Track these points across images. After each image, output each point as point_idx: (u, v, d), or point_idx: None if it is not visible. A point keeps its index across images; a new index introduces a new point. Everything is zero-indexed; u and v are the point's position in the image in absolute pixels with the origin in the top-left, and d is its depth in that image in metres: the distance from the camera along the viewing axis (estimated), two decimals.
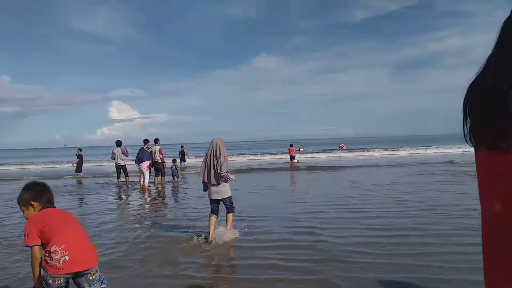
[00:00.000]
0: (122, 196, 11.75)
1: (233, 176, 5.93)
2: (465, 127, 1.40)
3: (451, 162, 19.24)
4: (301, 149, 40.58)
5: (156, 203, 10.15)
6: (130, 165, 14.22)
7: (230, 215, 5.94)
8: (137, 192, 12.43)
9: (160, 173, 13.99)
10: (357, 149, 42.15)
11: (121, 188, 13.64)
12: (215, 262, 4.78)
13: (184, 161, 25.95)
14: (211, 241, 5.55)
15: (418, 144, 51.41)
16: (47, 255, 2.40)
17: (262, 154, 39.07)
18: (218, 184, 5.74)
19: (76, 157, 20.70)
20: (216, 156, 5.72)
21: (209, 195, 5.88)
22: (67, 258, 2.38)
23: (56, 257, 2.38)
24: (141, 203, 10.28)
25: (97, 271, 2.56)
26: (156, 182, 13.97)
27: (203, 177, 5.86)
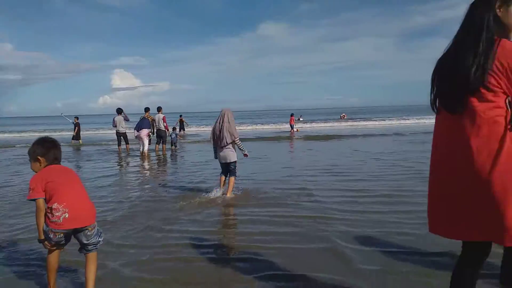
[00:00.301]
0: (123, 162, 12.00)
1: (246, 150, 6.57)
2: (431, 96, 1.98)
3: None
4: (301, 119, 40.72)
5: (157, 169, 10.50)
6: (130, 133, 14.44)
7: (232, 179, 6.37)
8: (138, 158, 12.68)
9: (161, 141, 14.28)
10: (359, 119, 42.19)
11: (121, 154, 13.92)
12: (211, 218, 5.06)
13: (183, 130, 26.41)
14: (223, 193, 6.21)
15: (422, 113, 51.44)
16: (49, 211, 2.59)
17: (262, 123, 38.76)
18: (225, 147, 6.23)
19: (73, 125, 20.69)
20: (225, 122, 6.19)
21: (219, 159, 6.42)
22: (67, 216, 2.56)
23: (57, 214, 2.56)
24: (141, 169, 10.54)
25: (94, 227, 2.75)
26: (157, 149, 14.22)
27: (213, 143, 6.39)
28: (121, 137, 14.50)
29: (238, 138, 6.34)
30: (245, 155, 6.64)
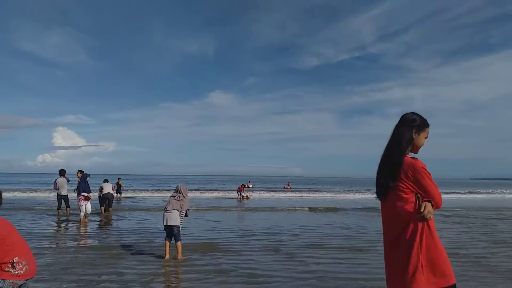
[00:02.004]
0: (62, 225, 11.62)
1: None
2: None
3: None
4: (250, 186, 41.43)
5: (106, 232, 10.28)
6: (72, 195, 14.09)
7: (179, 244, 7.01)
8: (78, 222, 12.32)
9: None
10: (303, 190, 43.12)
11: (61, 218, 13.44)
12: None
13: (120, 193, 26.78)
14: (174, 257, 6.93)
15: (362, 186, 54.24)
16: (9, 265, 2.78)
17: (211, 190, 38.65)
18: (172, 211, 7.03)
19: None
20: (185, 197, 7.28)
21: (164, 221, 7.04)
22: (27, 267, 2.88)
23: (19, 266, 2.82)
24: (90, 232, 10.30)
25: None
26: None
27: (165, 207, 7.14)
28: (63, 200, 14.03)
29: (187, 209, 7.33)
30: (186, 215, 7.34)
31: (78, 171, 14.30)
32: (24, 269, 2.87)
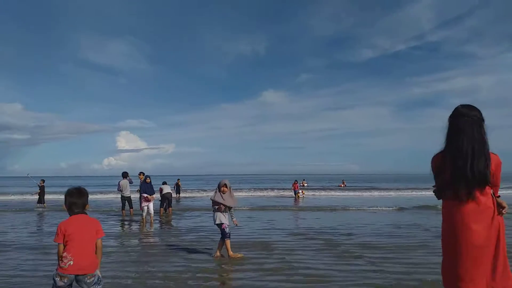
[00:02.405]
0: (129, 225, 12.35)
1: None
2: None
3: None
4: (305, 184, 41.14)
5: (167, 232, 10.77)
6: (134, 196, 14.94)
7: (227, 241, 7.09)
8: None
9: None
10: (360, 188, 41.57)
11: (125, 218, 14.29)
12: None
13: (179, 193, 27.55)
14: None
15: (421, 183, 51.36)
16: (60, 258, 3.26)
17: (266, 189, 38.84)
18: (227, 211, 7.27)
19: (38, 188, 20.32)
20: (232, 191, 7.38)
21: (217, 220, 7.17)
22: (71, 263, 3.21)
23: (65, 260, 3.21)
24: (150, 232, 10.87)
25: (93, 276, 3.32)
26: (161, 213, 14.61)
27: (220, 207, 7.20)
28: (126, 201, 14.87)
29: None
30: (234, 222, 7.33)
31: (140, 173, 15.11)
32: (67, 264, 3.20)
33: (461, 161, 2.48)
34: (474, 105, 2.62)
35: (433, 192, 2.75)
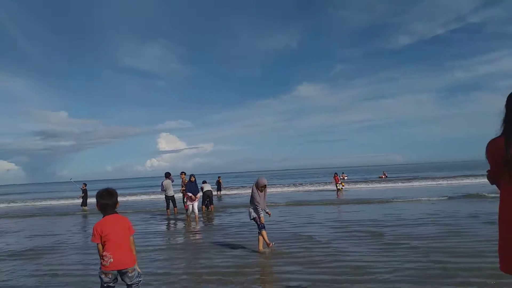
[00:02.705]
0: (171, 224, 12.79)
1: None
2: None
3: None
4: (345, 177, 40.52)
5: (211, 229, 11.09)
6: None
7: (264, 232, 7.39)
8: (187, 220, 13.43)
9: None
10: (403, 178, 39.71)
11: (170, 217, 14.78)
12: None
13: (220, 190, 28.02)
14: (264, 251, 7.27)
15: (471, 170, 48.74)
16: (101, 257, 3.58)
17: (306, 183, 38.57)
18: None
19: (81, 191, 21.05)
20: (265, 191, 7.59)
21: (252, 215, 7.48)
22: (112, 260, 3.52)
23: (106, 259, 3.54)
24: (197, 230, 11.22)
25: (134, 270, 3.63)
26: (203, 210, 14.99)
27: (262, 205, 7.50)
28: (170, 200, 15.34)
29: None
30: (268, 213, 7.67)
31: (181, 172, 15.60)
32: (108, 262, 3.54)
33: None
34: None
35: (487, 177, 2.71)
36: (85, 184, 21.34)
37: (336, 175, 27.12)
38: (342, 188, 26.64)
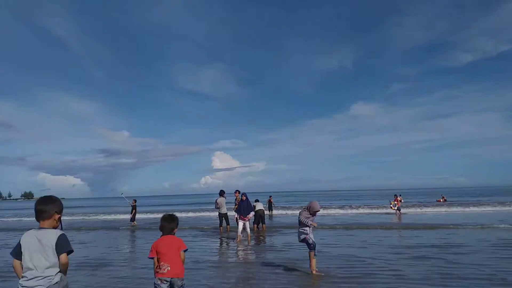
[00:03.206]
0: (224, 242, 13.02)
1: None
2: None
3: None
4: (401, 200, 38.56)
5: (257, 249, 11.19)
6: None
7: (311, 253, 7.34)
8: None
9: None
10: (461, 203, 36.34)
11: (223, 234, 15.09)
12: None
13: (271, 210, 27.70)
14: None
15: None
16: (158, 266, 4.21)
17: (359, 206, 36.70)
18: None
19: (131, 207, 21.32)
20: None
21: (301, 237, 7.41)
22: (169, 268, 4.15)
23: (163, 267, 4.17)
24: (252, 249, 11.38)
25: (183, 280, 4.25)
26: (254, 229, 15.11)
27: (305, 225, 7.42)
28: (223, 218, 15.64)
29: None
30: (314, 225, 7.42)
31: (236, 191, 15.92)
32: (166, 269, 4.19)
33: None
34: None
35: None
36: (135, 200, 21.67)
37: (396, 196, 26.25)
38: (399, 211, 25.62)
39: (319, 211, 7.44)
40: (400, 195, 28.00)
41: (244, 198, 13.69)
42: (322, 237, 12.96)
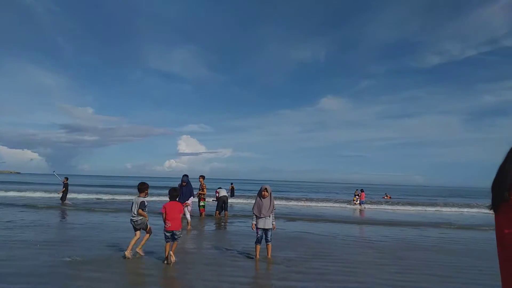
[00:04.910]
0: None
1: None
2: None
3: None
4: (358, 195, 39.89)
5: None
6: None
7: (269, 245, 7.78)
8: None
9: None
10: (403, 202, 36.13)
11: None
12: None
13: (232, 196, 28.44)
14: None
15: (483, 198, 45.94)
16: (165, 222, 7.16)
17: (321, 200, 35.77)
18: (268, 217, 7.69)
19: (62, 185, 20.59)
20: (270, 197, 7.78)
21: (260, 226, 7.72)
22: (170, 225, 7.11)
23: (167, 223, 7.14)
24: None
25: (180, 232, 7.27)
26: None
27: (256, 211, 7.74)
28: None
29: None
30: (273, 226, 7.80)
31: (200, 176, 16.15)
32: (168, 225, 7.12)
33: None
34: None
35: None
36: (67, 178, 20.91)
37: (363, 191, 27.93)
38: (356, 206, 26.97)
39: (266, 189, 7.72)
40: (362, 190, 28.69)
41: (185, 183, 13.07)
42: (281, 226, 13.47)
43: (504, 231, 2.66)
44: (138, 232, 7.74)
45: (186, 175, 13.21)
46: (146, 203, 7.59)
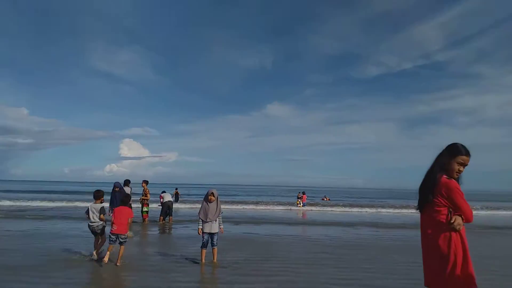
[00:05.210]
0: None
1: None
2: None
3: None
4: (301, 197, 41.09)
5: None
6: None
7: (215, 249, 7.81)
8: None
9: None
10: (343, 203, 38.36)
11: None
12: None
13: (177, 201, 28.23)
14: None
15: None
16: (112, 225, 7.54)
17: (266, 203, 35.75)
18: (213, 221, 7.67)
19: None
20: (219, 200, 7.81)
21: (206, 230, 7.67)
22: (115, 228, 7.44)
23: (114, 227, 7.46)
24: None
25: (125, 236, 7.57)
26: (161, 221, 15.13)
27: (202, 216, 7.70)
28: None
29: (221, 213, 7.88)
30: (221, 229, 7.84)
31: (143, 181, 15.74)
32: (114, 228, 7.43)
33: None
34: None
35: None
36: None
37: (304, 193, 29.38)
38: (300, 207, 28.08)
39: (212, 193, 7.69)
40: (304, 193, 30.55)
41: (117, 189, 13.14)
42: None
43: (427, 231, 3.11)
44: (98, 236, 8.19)
45: (118, 182, 13.54)
46: (105, 209, 8.24)
